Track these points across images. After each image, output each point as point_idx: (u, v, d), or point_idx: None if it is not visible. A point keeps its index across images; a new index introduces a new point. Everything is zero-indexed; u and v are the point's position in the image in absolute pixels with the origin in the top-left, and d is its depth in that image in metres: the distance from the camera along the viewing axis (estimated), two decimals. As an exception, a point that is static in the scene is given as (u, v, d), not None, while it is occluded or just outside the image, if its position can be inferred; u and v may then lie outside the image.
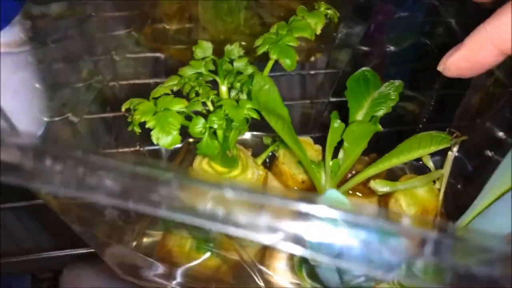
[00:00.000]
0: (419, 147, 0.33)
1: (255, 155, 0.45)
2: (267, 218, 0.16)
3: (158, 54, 0.54)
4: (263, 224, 0.16)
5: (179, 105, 0.31)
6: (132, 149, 0.41)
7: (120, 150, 0.39)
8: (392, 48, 0.52)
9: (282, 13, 0.55)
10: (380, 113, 0.36)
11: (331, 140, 0.36)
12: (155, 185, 0.15)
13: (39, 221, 0.61)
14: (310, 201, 0.17)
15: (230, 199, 0.15)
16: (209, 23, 0.54)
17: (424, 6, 0.52)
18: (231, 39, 0.56)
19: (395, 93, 0.36)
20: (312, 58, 0.51)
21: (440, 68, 0.28)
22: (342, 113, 0.39)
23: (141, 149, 0.42)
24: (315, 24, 0.34)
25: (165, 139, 0.29)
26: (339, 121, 0.35)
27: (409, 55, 0.53)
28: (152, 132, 0.29)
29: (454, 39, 0.50)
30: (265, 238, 0.16)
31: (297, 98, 0.50)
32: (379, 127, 0.33)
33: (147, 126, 0.29)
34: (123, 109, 0.32)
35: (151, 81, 0.49)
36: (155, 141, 0.29)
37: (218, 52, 0.41)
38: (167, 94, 0.33)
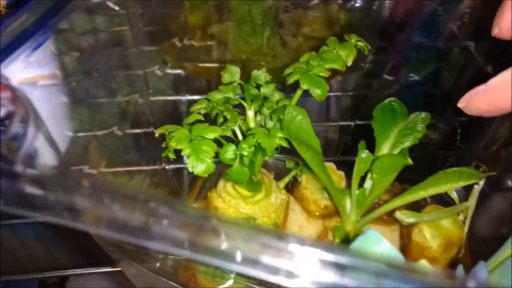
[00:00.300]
0: (447, 182, 0.33)
1: (276, 178, 0.45)
2: (320, 270, 0.16)
3: (179, 71, 0.55)
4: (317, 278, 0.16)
5: (214, 133, 0.31)
6: (158, 167, 0.42)
7: (149, 167, 0.39)
8: (412, 74, 0.52)
9: (303, 35, 0.55)
10: (407, 144, 0.36)
11: (358, 170, 0.36)
12: (219, 237, 0.15)
13: (57, 237, 0.62)
14: (357, 255, 0.17)
15: (294, 252, 0.15)
16: (232, 43, 0.55)
17: (443, 31, 0.52)
18: (252, 59, 0.57)
19: (422, 125, 0.37)
20: (339, 78, 0.52)
21: (461, 105, 0.28)
22: (365, 138, 0.40)
23: (167, 167, 0.43)
24: (346, 56, 0.34)
25: (200, 166, 0.30)
26: (367, 151, 0.35)
27: (429, 81, 0.54)
28: (187, 160, 0.30)
29: (473, 63, 0.50)
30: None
31: (321, 120, 0.50)
32: (409, 161, 0.34)
33: (182, 153, 0.30)
34: (156, 134, 0.33)
35: (176, 98, 0.50)
36: (190, 169, 0.30)
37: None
38: (201, 121, 0.33)
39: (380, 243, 0.23)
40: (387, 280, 0.18)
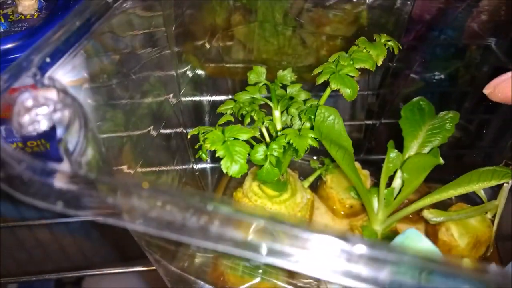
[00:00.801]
0: (479, 181, 0.33)
1: (301, 177, 0.45)
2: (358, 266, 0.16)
3: (206, 72, 0.55)
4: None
5: (246, 134, 0.32)
6: (187, 166, 0.42)
7: (179, 167, 0.40)
8: (437, 72, 0.52)
9: (324, 34, 0.55)
10: (436, 143, 0.36)
11: (387, 169, 0.36)
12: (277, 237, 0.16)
13: (73, 236, 0.63)
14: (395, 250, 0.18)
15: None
16: (255, 43, 0.55)
17: (464, 29, 0.52)
18: (274, 59, 0.57)
19: (450, 124, 0.37)
20: (366, 77, 0.52)
21: (486, 91, 0.28)
22: (390, 137, 0.40)
23: (195, 167, 0.43)
24: (377, 55, 0.34)
25: (234, 167, 0.30)
26: (396, 151, 0.35)
27: (452, 79, 0.53)
28: (222, 162, 0.30)
29: (495, 60, 0.50)
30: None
31: (345, 119, 0.50)
32: (440, 160, 0.34)
33: (217, 155, 0.30)
34: (189, 136, 0.33)
35: (203, 99, 0.50)
36: (224, 170, 0.30)
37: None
38: (231, 122, 0.34)
39: (420, 241, 0.23)
40: (431, 275, 0.18)
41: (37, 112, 0.18)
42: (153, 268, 0.42)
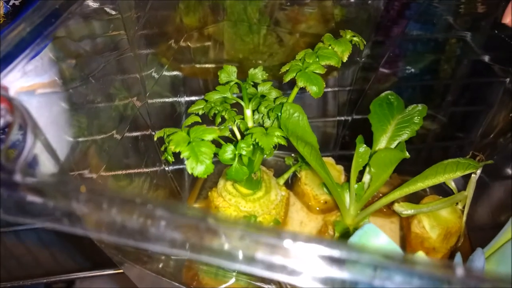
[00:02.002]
0: (445, 173, 0.33)
1: (276, 174, 0.45)
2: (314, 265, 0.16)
3: (176, 73, 0.55)
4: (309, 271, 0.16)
5: (212, 135, 0.31)
6: (158, 169, 0.42)
7: (149, 170, 0.40)
8: (409, 66, 0.52)
9: (299, 32, 0.55)
10: (404, 137, 0.37)
11: (356, 164, 0.36)
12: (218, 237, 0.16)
13: (61, 241, 0.63)
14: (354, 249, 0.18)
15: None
16: (228, 42, 0.55)
17: (439, 22, 0.53)
18: (249, 58, 0.57)
19: (418, 117, 0.37)
20: (335, 73, 0.52)
21: (507, 20, 0.28)
22: (364, 132, 0.40)
23: (166, 168, 0.43)
24: (342, 52, 0.34)
25: (199, 168, 0.30)
26: (364, 145, 0.36)
27: (426, 72, 0.54)
28: (186, 162, 0.30)
29: (470, 53, 0.50)
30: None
31: (319, 115, 0.51)
32: (406, 154, 0.34)
33: (181, 156, 0.30)
34: (155, 138, 0.33)
35: (174, 100, 0.50)
36: (189, 171, 0.30)
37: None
38: (198, 123, 0.34)
39: (378, 236, 0.23)
40: (384, 271, 0.18)
41: (-22, 120, 0.18)
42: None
